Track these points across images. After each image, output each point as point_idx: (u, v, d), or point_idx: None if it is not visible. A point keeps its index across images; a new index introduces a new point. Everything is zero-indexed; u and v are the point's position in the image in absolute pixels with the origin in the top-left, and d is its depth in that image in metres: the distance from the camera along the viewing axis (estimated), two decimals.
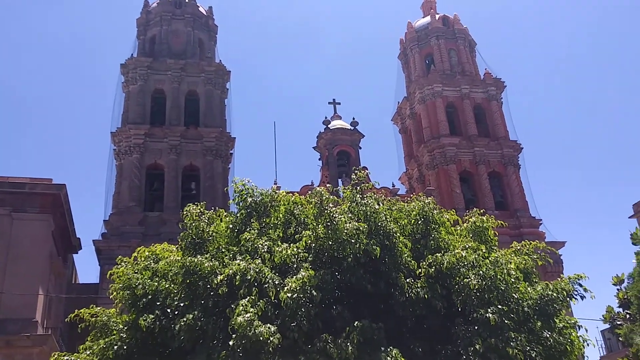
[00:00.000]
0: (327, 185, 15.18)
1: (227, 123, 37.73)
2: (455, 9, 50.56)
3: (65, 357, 12.15)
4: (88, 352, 12.03)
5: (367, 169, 33.38)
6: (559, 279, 12.71)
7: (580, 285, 12.70)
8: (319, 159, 35.63)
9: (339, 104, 37.20)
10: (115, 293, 12.28)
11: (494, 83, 41.18)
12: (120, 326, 12.17)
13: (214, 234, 12.83)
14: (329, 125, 35.56)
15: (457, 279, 11.85)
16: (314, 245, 12.04)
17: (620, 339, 17.59)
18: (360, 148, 35.42)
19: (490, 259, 12.14)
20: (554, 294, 12.02)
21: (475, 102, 40.62)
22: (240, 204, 13.28)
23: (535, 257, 13.82)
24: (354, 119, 36.04)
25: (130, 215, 31.91)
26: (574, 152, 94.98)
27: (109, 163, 35.11)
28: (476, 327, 11.26)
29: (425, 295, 11.57)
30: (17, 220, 24.23)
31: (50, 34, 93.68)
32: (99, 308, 12.90)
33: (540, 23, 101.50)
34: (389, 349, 10.61)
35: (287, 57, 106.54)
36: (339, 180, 33.50)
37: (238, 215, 13.16)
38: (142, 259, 13.01)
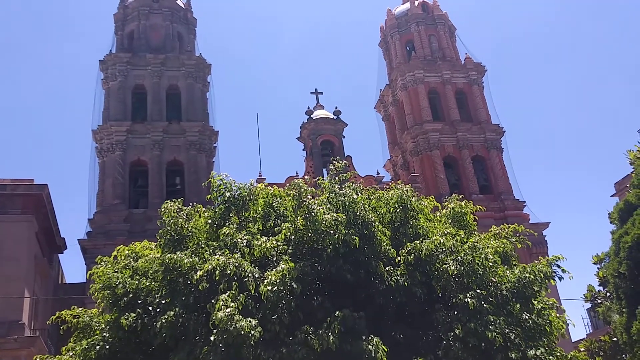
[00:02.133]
0: (312, 174, 15.20)
1: (210, 116, 37.59)
2: None
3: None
4: (71, 354, 12.01)
5: (351, 158, 33.78)
6: (537, 262, 12.86)
7: (559, 267, 12.85)
8: (303, 149, 35.63)
9: (321, 93, 37.21)
10: (96, 293, 12.27)
11: (474, 67, 41.30)
12: (103, 326, 12.15)
13: (193, 229, 12.83)
14: (311, 116, 35.54)
15: (436, 265, 11.97)
16: (293, 237, 12.08)
17: (600, 317, 17.89)
18: (344, 137, 35.48)
19: (468, 244, 12.24)
20: (532, 277, 12.16)
21: (457, 87, 40.75)
22: (219, 198, 13.28)
23: (514, 240, 13.96)
24: (336, 108, 36.09)
25: (115, 213, 31.77)
26: (556, 133, 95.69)
27: (92, 161, 34.92)
28: (456, 312, 11.39)
29: (405, 283, 11.68)
30: None
31: (26, 31, 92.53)
32: (80, 309, 12.88)
33: (519, 5, 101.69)
34: (370, 338, 10.69)
35: (267, 48, 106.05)
36: (324, 170, 33.51)
37: (217, 210, 13.16)
38: (122, 257, 13.00)
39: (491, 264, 12.16)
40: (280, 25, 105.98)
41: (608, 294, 17.26)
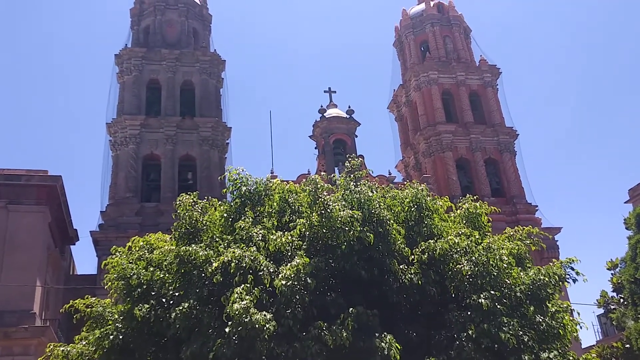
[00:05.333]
0: (322, 173, 15.19)
1: (223, 113, 37.67)
2: None
3: (62, 348, 12.20)
4: (84, 343, 12.09)
5: (363, 157, 33.67)
6: (551, 264, 12.77)
7: (573, 269, 12.78)
8: (315, 148, 35.62)
9: (335, 92, 37.18)
10: (110, 283, 12.33)
11: (489, 70, 41.10)
12: (116, 316, 12.22)
13: (207, 223, 12.86)
14: (324, 114, 35.51)
15: (450, 265, 11.93)
16: (308, 233, 12.10)
17: (614, 323, 17.73)
18: (357, 136, 35.42)
19: (482, 245, 12.20)
20: (546, 279, 12.10)
21: (471, 89, 40.57)
22: (235, 192, 13.31)
23: (528, 242, 13.89)
24: (349, 107, 36.01)
25: (127, 206, 31.92)
26: (570, 138, 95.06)
27: (105, 154, 35.13)
28: (469, 313, 11.35)
29: (419, 282, 11.66)
30: (13, 212, 24.26)
31: (45, 26, 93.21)
32: (93, 298, 12.95)
33: (535, 9, 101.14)
34: (383, 335, 10.69)
35: (282, 46, 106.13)
36: (336, 168, 33.42)
37: (232, 204, 13.19)
38: (137, 249, 13.05)
39: (505, 265, 12.12)
40: (295, 23, 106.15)
41: (622, 300, 17.11)
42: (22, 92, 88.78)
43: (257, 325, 9.98)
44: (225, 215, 13.00)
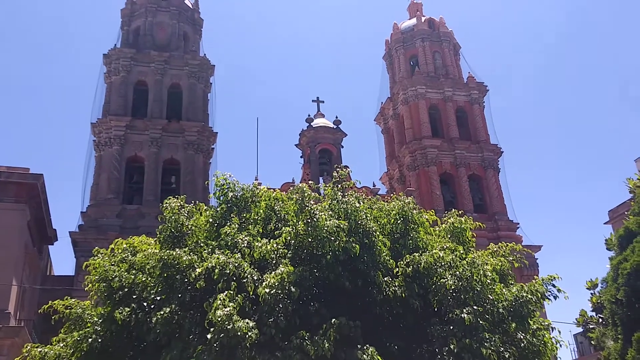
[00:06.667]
0: (309, 182, 15.15)
1: (210, 117, 37.52)
2: (441, 12, 50.90)
3: (39, 349, 11.96)
4: (62, 344, 11.87)
5: (348, 168, 33.71)
6: (534, 281, 12.87)
7: (554, 286, 12.89)
8: (301, 157, 35.59)
9: (323, 102, 37.22)
10: (90, 285, 12.15)
11: (476, 87, 41.51)
12: (95, 319, 12.03)
13: (193, 227, 12.75)
14: (311, 123, 35.54)
15: (434, 278, 11.95)
16: (293, 241, 12.04)
17: (593, 342, 17.87)
18: (343, 147, 35.48)
19: (467, 259, 12.24)
20: (529, 296, 12.17)
21: (458, 104, 40.92)
22: (221, 198, 13.22)
23: (511, 259, 13.99)
24: (337, 117, 36.11)
25: (108, 207, 31.56)
26: (552, 157, 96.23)
27: (88, 154, 34.74)
28: (451, 327, 11.35)
29: (403, 294, 11.65)
30: None
31: (30, 18, 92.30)
32: (73, 300, 12.75)
33: (524, 28, 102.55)
34: (365, 347, 10.66)
35: (272, 54, 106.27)
36: (320, 178, 33.47)
37: (218, 209, 13.10)
38: (119, 250, 12.89)
39: (489, 281, 12.18)
40: (286, 31, 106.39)
41: (602, 320, 17.25)
42: (6, 89, 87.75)
43: (239, 333, 9.88)
44: (210, 220, 12.91)
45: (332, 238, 11.48)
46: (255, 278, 11.03)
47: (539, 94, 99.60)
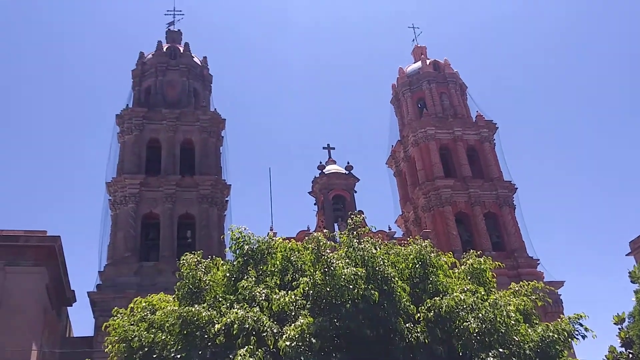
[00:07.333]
0: (324, 230, 15.12)
1: (223, 170, 37.82)
2: (445, 54, 51.78)
3: None
4: None
5: (363, 213, 33.54)
6: (559, 320, 12.61)
7: (581, 325, 12.61)
8: (315, 204, 35.62)
9: (333, 148, 37.46)
10: (110, 346, 12.08)
11: (485, 125, 41.67)
12: None
13: (210, 282, 12.73)
14: (323, 170, 35.71)
15: (457, 322, 11.75)
16: (311, 292, 11.95)
17: None
18: (356, 192, 35.46)
19: (489, 301, 12.06)
20: (555, 335, 11.92)
21: (468, 144, 41.02)
22: (237, 251, 13.23)
23: (534, 297, 13.76)
24: (348, 163, 36.24)
25: (125, 265, 31.60)
26: (568, 191, 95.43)
27: (104, 213, 35.01)
28: None
29: (426, 340, 11.46)
30: (10, 273, 23.94)
31: (44, 83, 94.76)
32: None
33: (529, 64, 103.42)
34: None
35: (281, 104, 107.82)
36: (335, 224, 33.39)
37: (235, 263, 13.09)
38: (139, 309, 12.85)
39: (513, 322, 11.96)
40: (294, 81, 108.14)
41: (632, 355, 16.76)
42: (22, 153, 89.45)
43: None
44: (227, 274, 12.88)
45: (351, 286, 11.40)
46: (275, 331, 10.92)
47: (553, 126, 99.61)
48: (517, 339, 11.83)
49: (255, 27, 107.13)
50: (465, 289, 12.51)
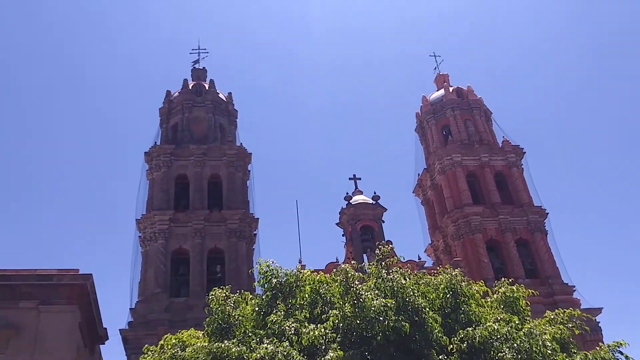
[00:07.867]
0: (352, 261, 15.02)
1: (250, 204, 38.09)
2: (468, 80, 51.68)
3: None
4: None
5: (391, 243, 33.37)
6: (598, 348, 12.22)
7: (621, 353, 12.21)
8: (343, 235, 35.49)
9: (360, 179, 37.48)
10: None
11: (512, 150, 41.27)
12: None
13: (240, 317, 12.70)
14: (350, 201, 35.65)
15: (491, 353, 11.49)
16: (341, 324, 11.84)
17: None
18: (384, 222, 35.26)
19: (524, 330, 11.77)
20: None
21: (496, 169, 40.61)
22: (265, 285, 13.21)
23: (571, 325, 13.38)
24: (375, 193, 36.14)
25: (156, 302, 31.76)
26: (601, 214, 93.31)
27: (134, 250, 35.39)
28: None
29: None
30: (44, 313, 24.13)
31: (74, 125, 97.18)
32: None
33: (553, 87, 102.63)
34: None
35: (305, 136, 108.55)
36: (364, 255, 33.19)
37: (263, 297, 13.06)
38: (169, 346, 12.86)
39: (550, 351, 11.64)
40: (318, 114, 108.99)
41: None
42: (50, 189, 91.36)
43: None
44: (257, 309, 12.85)
45: (381, 318, 11.27)
46: None
47: (579, 150, 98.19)
48: None
49: (279, 63, 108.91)
50: (499, 318, 12.24)
